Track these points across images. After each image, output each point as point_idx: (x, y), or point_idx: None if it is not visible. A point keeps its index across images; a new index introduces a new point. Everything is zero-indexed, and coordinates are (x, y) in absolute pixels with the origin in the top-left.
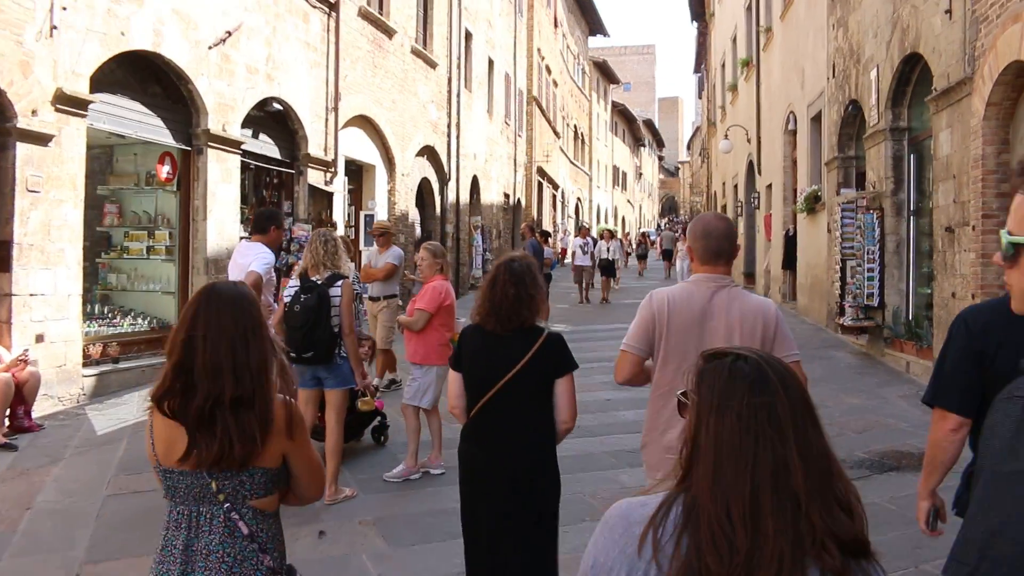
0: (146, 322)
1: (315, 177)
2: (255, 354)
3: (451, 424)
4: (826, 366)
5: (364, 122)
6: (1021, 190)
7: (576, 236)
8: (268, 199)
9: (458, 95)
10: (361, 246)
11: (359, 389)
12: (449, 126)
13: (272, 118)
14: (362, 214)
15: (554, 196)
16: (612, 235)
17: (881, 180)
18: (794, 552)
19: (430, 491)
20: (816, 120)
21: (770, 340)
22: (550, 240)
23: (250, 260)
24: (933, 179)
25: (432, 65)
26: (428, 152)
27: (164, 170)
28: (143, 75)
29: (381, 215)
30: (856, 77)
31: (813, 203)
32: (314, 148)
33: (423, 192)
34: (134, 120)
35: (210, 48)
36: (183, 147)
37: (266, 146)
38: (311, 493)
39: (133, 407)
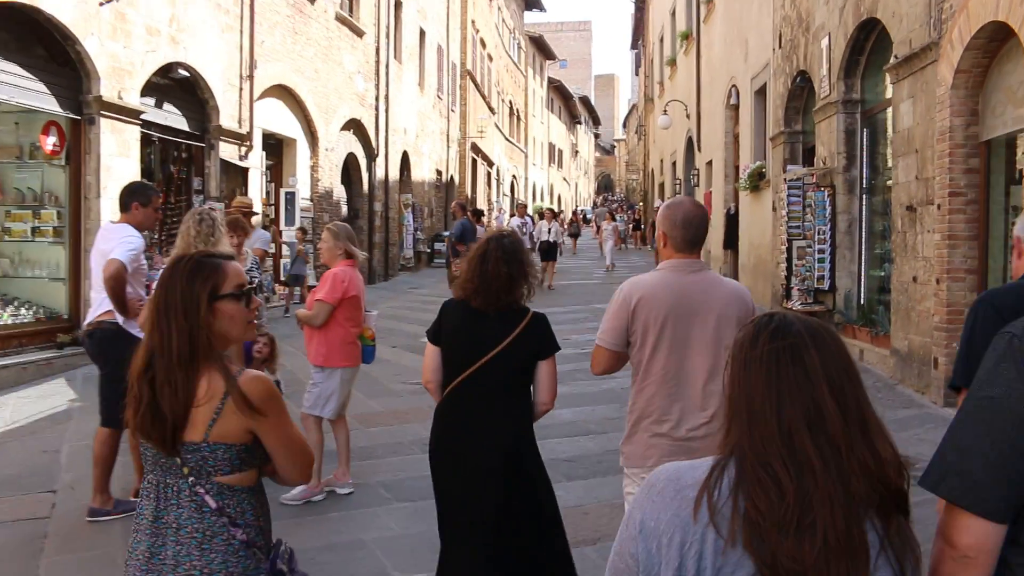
0: (31, 312)
1: (229, 151)
2: (172, 335)
3: (365, 430)
4: None
5: (284, 93)
6: None
7: (513, 216)
8: (176, 175)
9: (387, 66)
10: (282, 225)
11: None
12: (377, 99)
13: (179, 86)
14: (283, 191)
15: (489, 173)
16: (554, 214)
17: (832, 156)
18: (845, 491)
19: (335, 517)
20: (760, 94)
21: (751, 313)
22: (483, 219)
23: (112, 246)
24: (893, 153)
25: (359, 33)
26: (354, 126)
27: (49, 141)
28: (23, 33)
29: (304, 192)
30: (805, 47)
31: (757, 180)
32: (227, 120)
33: (349, 168)
34: (12, 84)
35: (101, 4)
36: (72, 116)
37: (172, 117)
38: (289, 474)
39: (9, 411)
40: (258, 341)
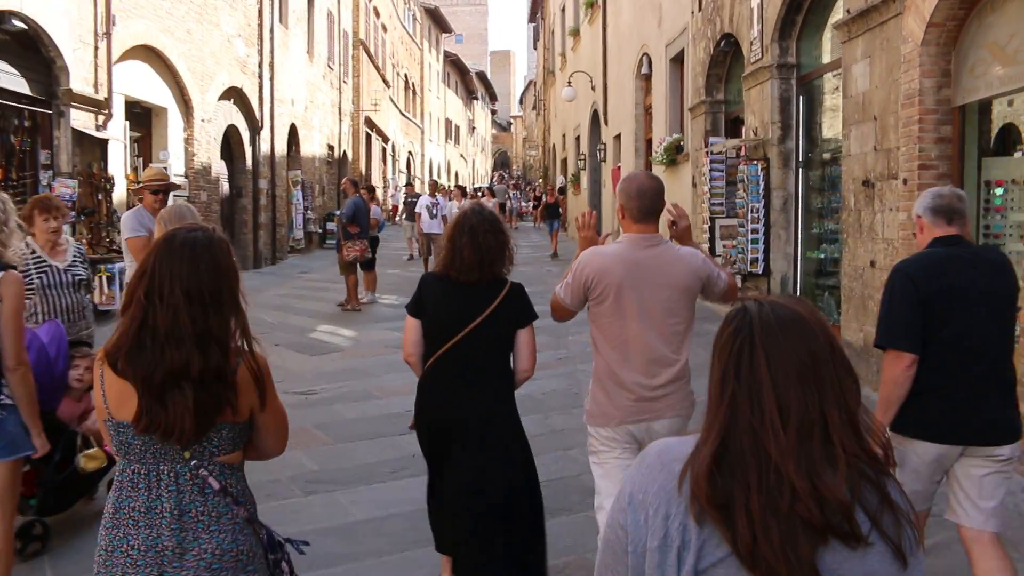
0: None
1: (83, 120)
2: (223, 320)
3: None
4: (706, 344)
5: (151, 55)
6: None
7: (422, 195)
8: (18, 147)
9: (271, 30)
10: None
11: (83, 435)
12: (261, 66)
13: (17, 41)
14: (152, 167)
15: (384, 149)
16: (464, 192)
17: (765, 126)
18: (812, 479)
19: None
20: (677, 61)
21: (700, 282)
22: (377, 196)
23: None
24: (845, 121)
25: None
26: (235, 95)
27: None
28: None
29: (178, 168)
30: (732, 7)
31: (674, 154)
32: (79, 83)
33: (230, 142)
34: None
35: None
36: None
37: (9, 78)
38: (276, 449)
39: None
40: (77, 366)
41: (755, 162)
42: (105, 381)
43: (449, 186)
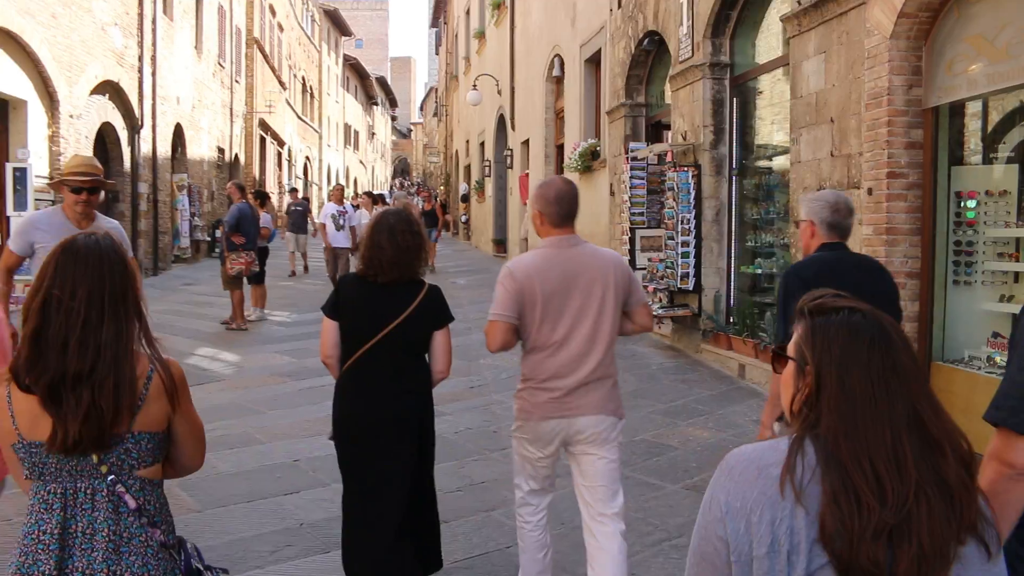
0: None
1: None
2: (110, 324)
3: None
4: (636, 369)
5: (6, 40)
6: None
7: (329, 201)
8: None
9: (153, 21)
10: (9, 211)
11: None
12: (141, 59)
13: None
14: (8, 166)
15: (280, 153)
16: (374, 199)
17: (696, 129)
18: (942, 495)
19: None
20: (593, 62)
21: (626, 288)
22: (272, 203)
23: None
24: (792, 124)
25: None
26: (111, 89)
27: None
28: None
29: (40, 169)
30: (657, 2)
31: (590, 160)
32: None
33: (105, 141)
34: None
35: None
36: None
37: None
38: (194, 462)
39: None
40: None
41: (685, 169)
42: (13, 402)
43: (372, 192)
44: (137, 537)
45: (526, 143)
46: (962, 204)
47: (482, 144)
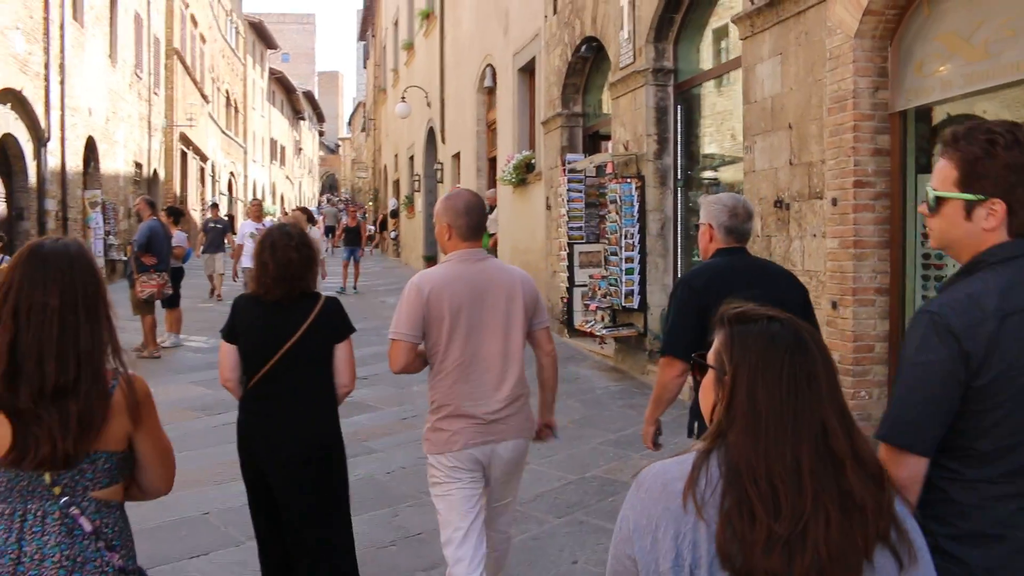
0: None
1: None
2: (86, 334)
3: None
4: (579, 394)
5: None
6: (945, 156)
7: (247, 218)
8: None
9: (61, 27)
10: None
11: None
12: (48, 67)
13: None
14: None
15: (202, 169)
16: (310, 216)
17: (638, 139)
18: (842, 510)
19: None
20: (526, 71)
21: (532, 307)
22: (192, 219)
23: None
24: (747, 131)
25: None
26: (13, 98)
27: None
28: None
29: None
30: (596, 7)
31: (525, 173)
32: None
33: (7, 154)
34: None
35: None
36: None
37: None
38: (162, 484)
39: None
40: None
41: (628, 180)
42: None
43: (308, 208)
44: (92, 562)
45: (457, 156)
46: None
47: (411, 158)
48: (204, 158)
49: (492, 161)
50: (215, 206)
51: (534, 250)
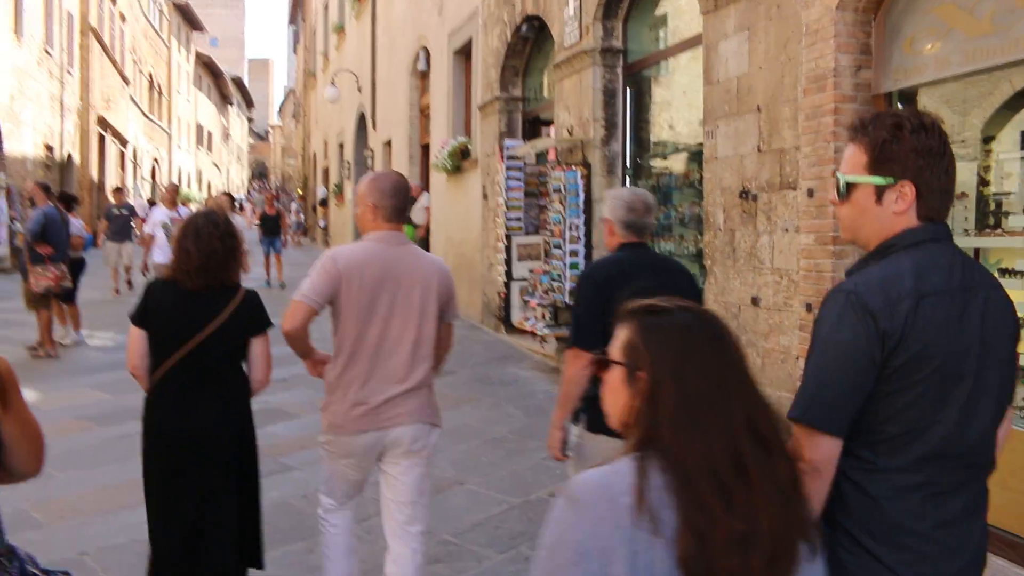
0: None
1: None
2: None
3: None
4: (518, 400)
5: None
6: (853, 142)
7: (160, 204)
8: None
9: None
10: None
11: None
12: None
13: None
14: None
15: (122, 153)
16: (233, 201)
17: (584, 123)
18: (779, 496)
19: None
20: (462, 53)
21: (446, 299)
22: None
23: None
24: (708, 116)
25: None
26: None
27: None
28: None
29: None
30: None
31: (460, 160)
32: None
33: None
34: None
35: None
36: None
37: None
38: (30, 467)
39: None
40: None
41: (573, 168)
42: None
43: (232, 195)
44: None
45: (388, 143)
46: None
47: (341, 145)
48: (124, 142)
49: (425, 148)
50: (119, 190)
51: (469, 241)
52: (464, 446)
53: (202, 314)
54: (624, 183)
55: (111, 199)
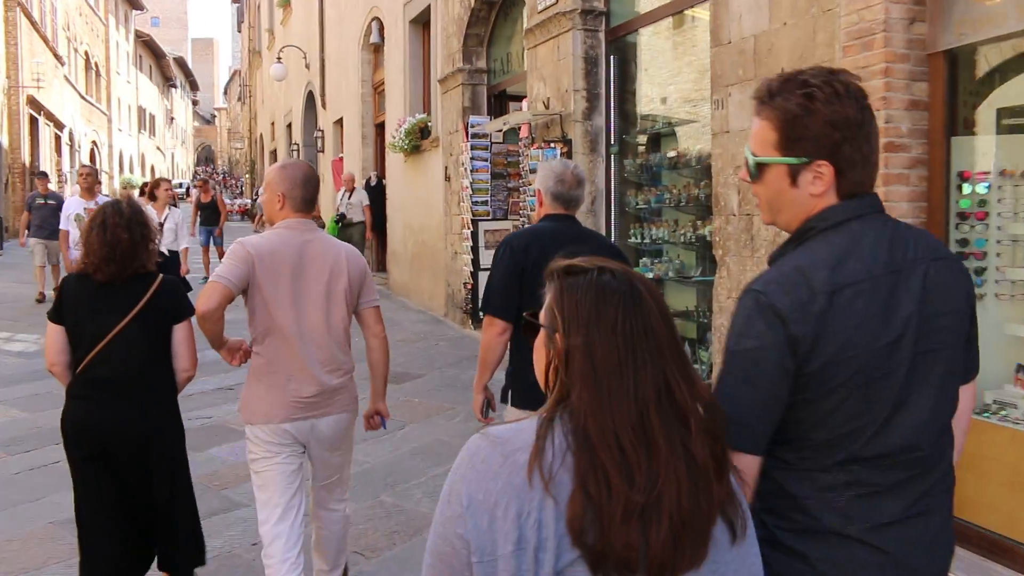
0: None
1: None
2: None
3: None
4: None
5: None
6: (761, 115)
7: (74, 194)
8: None
9: None
10: None
11: None
12: None
13: None
14: None
15: (58, 137)
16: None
17: (562, 95)
18: (689, 472)
19: None
20: (419, 23)
21: (359, 283)
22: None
23: None
24: (716, 81)
25: None
26: None
27: None
28: None
29: None
30: None
31: (419, 139)
32: None
33: None
34: None
35: None
36: None
37: None
38: None
39: None
40: None
41: (552, 145)
42: None
43: (168, 179)
44: None
45: (339, 123)
46: (967, 189)
47: (289, 126)
48: (60, 125)
49: (380, 127)
50: (43, 176)
51: (431, 228)
52: (441, 470)
53: (117, 306)
54: (608, 162)
55: (37, 187)
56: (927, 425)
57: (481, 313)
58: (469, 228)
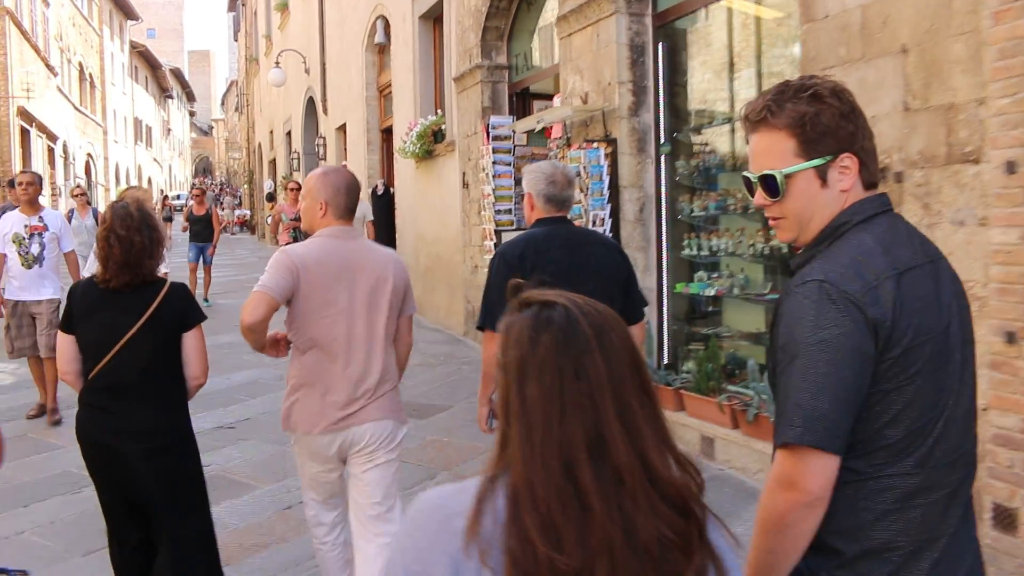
0: None
1: None
2: None
3: None
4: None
5: None
6: (767, 129)
7: (12, 210)
8: None
9: None
10: None
11: None
12: None
13: None
14: None
15: (51, 149)
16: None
17: (604, 89)
18: (626, 539)
19: None
20: (430, 18)
21: (403, 292)
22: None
23: None
24: (810, 62)
25: None
26: None
27: None
28: None
29: None
30: None
31: (432, 143)
32: None
33: None
34: None
35: None
36: None
37: None
38: None
39: None
40: None
41: (596, 146)
42: None
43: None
44: None
45: (342, 129)
46: None
47: (288, 134)
48: (53, 137)
49: (387, 132)
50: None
51: (446, 239)
52: None
53: (127, 314)
54: (658, 163)
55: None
56: (971, 416)
57: (478, 329)
58: (492, 239)
